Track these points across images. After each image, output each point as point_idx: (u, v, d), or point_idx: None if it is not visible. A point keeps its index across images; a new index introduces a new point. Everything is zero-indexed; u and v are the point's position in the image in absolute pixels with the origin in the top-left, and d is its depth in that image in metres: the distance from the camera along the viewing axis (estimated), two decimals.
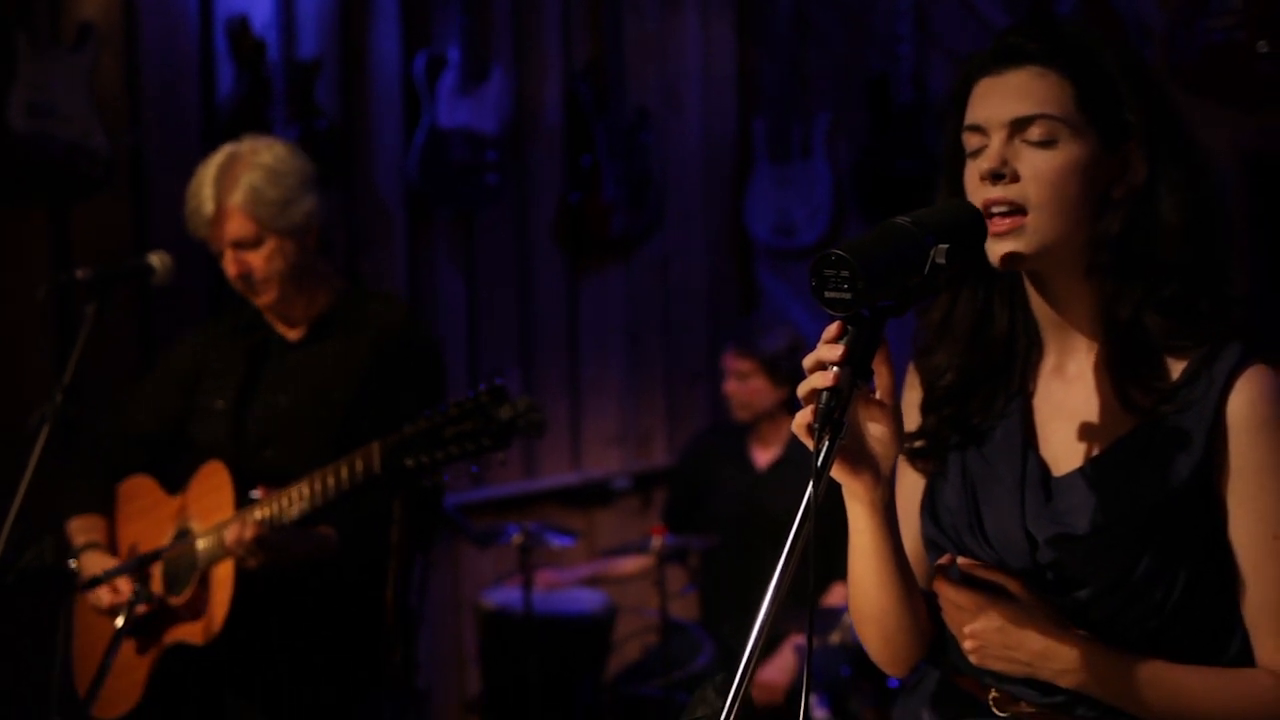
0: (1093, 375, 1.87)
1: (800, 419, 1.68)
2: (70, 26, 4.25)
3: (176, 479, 3.28)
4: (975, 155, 1.84)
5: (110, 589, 3.12)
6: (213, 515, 3.13)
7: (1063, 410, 1.89)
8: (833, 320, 1.69)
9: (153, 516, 3.29)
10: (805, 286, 1.66)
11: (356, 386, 3.23)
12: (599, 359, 5.74)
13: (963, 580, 1.87)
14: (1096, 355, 1.86)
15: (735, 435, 4.76)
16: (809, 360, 1.69)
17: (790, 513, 1.63)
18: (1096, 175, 1.81)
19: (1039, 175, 1.79)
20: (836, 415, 1.64)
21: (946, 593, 1.87)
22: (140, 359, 4.41)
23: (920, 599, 1.94)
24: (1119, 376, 1.83)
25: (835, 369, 1.65)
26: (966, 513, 1.91)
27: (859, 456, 1.78)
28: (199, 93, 4.59)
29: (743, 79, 6.17)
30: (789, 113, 5.83)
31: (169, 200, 4.09)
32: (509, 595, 4.76)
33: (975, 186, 1.82)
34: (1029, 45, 1.83)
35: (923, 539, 1.97)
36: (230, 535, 3.01)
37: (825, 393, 1.64)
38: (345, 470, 2.92)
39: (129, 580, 3.09)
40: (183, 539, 3.18)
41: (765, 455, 4.69)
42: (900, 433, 1.79)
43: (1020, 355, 1.93)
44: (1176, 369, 1.82)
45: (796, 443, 1.86)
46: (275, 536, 3.01)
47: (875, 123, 5.60)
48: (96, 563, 3.21)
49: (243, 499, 3.10)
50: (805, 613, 4.00)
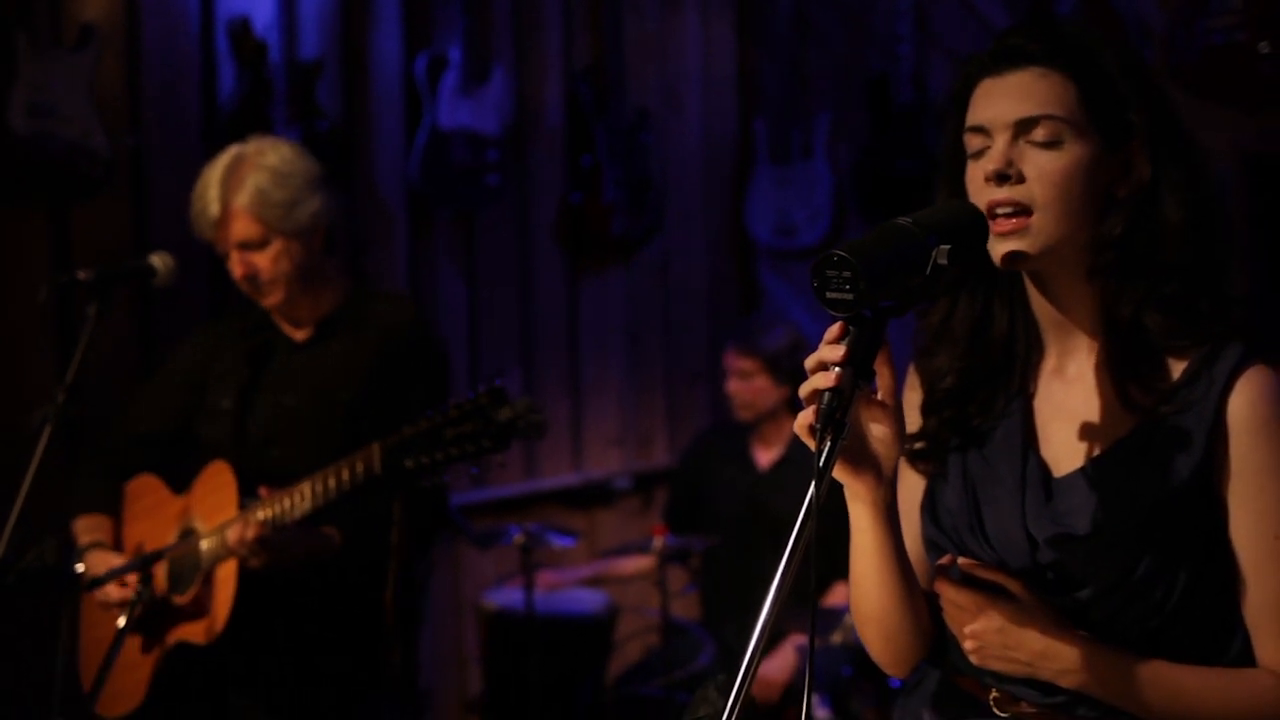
0: (1093, 375, 1.87)
1: (802, 419, 1.68)
2: (71, 27, 4.24)
3: (183, 479, 3.28)
4: (978, 156, 1.84)
5: (119, 584, 3.12)
6: (216, 515, 3.13)
7: (1063, 411, 1.89)
8: (834, 321, 1.69)
9: (158, 516, 3.29)
10: (806, 287, 1.66)
11: (362, 386, 3.23)
12: (599, 359, 5.74)
13: (963, 580, 1.87)
14: (1097, 355, 1.86)
15: (737, 435, 4.76)
16: (811, 361, 1.69)
17: (792, 513, 1.63)
18: (1100, 175, 1.81)
19: (1044, 176, 1.79)
20: (838, 416, 1.64)
21: (947, 593, 1.87)
22: (141, 359, 4.40)
23: (921, 599, 1.94)
24: (1119, 377, 1.83)
25: (837, 369, 1.65)
26: (967, 513, 1.91)
27: (861, 457, 1.78)
28: (200, 93, 4.58)
29: (743, 79, 6.17)
30: (789, 113, 5.83)
31: (170, 201, 4.10)
32: (510, 596, 4.76)
33: (979, 187, 1.82)
34: (1030, 46, 1.83)
35: (923, 540, 1.97)
36: (232, 535, 3.01)
37: (827, 393, 1.64)
38: (346, 471, 2.91)
39: (137, 576, 3.09)
40: (187, 538, 3.18)
41: (767, 455, 4.68)
42: (902, 433, 1.79)
43: (1020, 356, 1.93)
44: (1177, 369, 1.82)
45: (798, 442, 1.86)
46: (277, 537, 3.01)
47: (875, 123, 5.60)
48: (102, 561, 3.20)
49: (247, 499, 3.10)
50: (806, 612, 4.01)
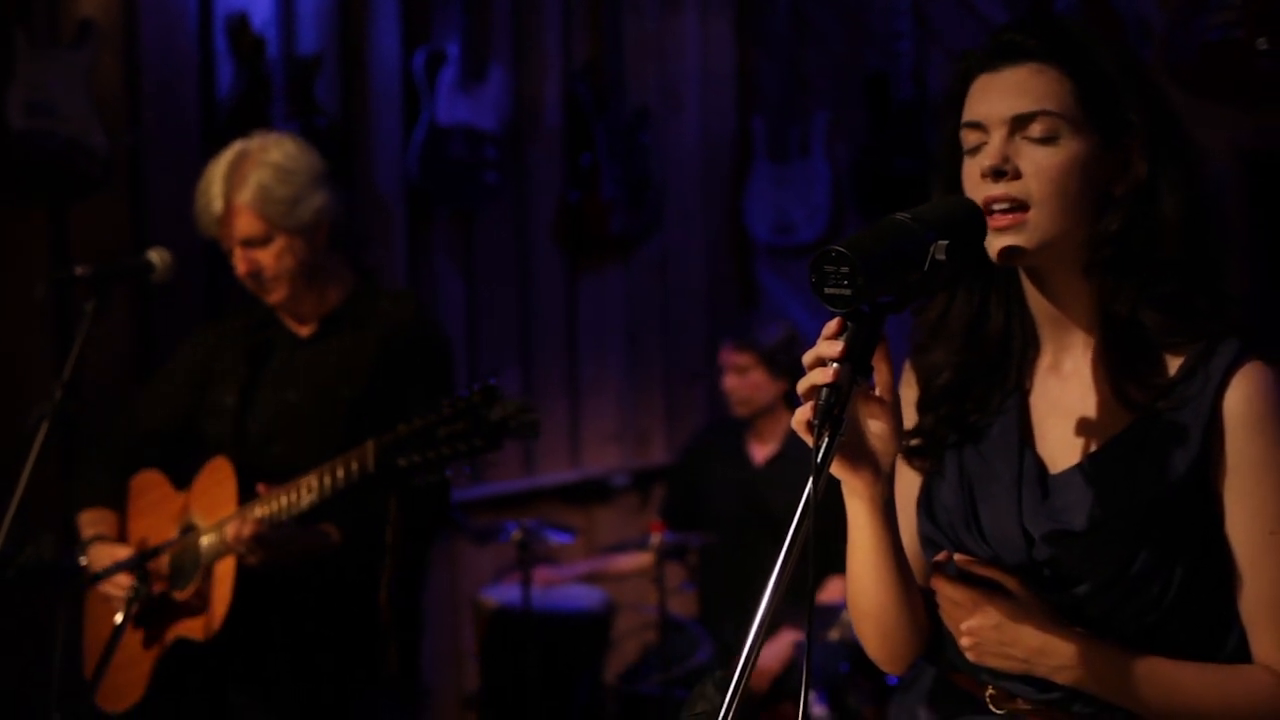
0: (1089, 372, 1.87)
1: (800, 415, 1.68)
2: (69, 24, 4.24)
3: (186, 475, 3.28)
4: (974, 152, 1.84)
5: (124, 575, 3.12)
6: (216, 511, 3.13)
7: (1059, 407, 1.89)
8: (832, 317, 1.69)
9: (161, 512, 3.29)
10: (805, 285, 1.66)
11: (364, 383, 3.22)
12: (598, 357, 5.74)
13: (960, 577, 1.87)
14: (1093, 352, 1.86)
15: (733, 432, 4.77)
16: (809, 356, 1.69)
17: (789, 509, 1.63)
18: (1097, 172, 1.81)
19: (1041, 172, 1.79)
20: (836, 412, 1.64)
21: (943, 589, 1.87)
22: (139, 356, 4.40)
23: (918, 596, 1.94)
24: (1116, 373, 1.83)
25: (835, 365, 1.65)
26: (963, 510, 1.91)
27: (858, 453, 1.78)
28: (198, 90, 4.58)
29: (742, 78, 6.17)
30: (788, 111, 5.84)
31: (168, 198, 4.11)
32: (508, 592, 4.76)
33: (975, 183, 1.82)
34: (1027, 42, 1.83)
35: (920, 536, 1.97)
36: (230, 532, 3.01)
37: (825, 389, 1.64)
38: (341, 469, 2.91)
39: (131, 574, 3.09)
40: (188, 534, 3.18)
41: (763, 451, 4.69)
42: (900, 429, 1.79)
43: (1016, 352, 1.93)
44: (1173, 365, 1.82)
45: (794, 438, 1.86)
46: (274, 534, 3.01)
47: (874, 121, 5.60)
48: (106, 554, 3.21)
49: (247, 495, 3.10)
50: (802, 608, 4.00)
